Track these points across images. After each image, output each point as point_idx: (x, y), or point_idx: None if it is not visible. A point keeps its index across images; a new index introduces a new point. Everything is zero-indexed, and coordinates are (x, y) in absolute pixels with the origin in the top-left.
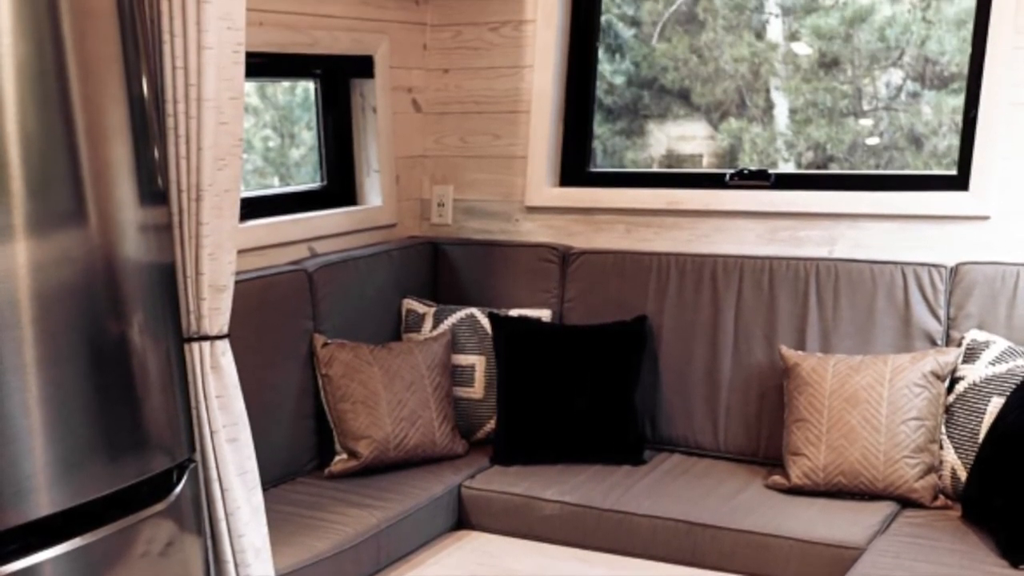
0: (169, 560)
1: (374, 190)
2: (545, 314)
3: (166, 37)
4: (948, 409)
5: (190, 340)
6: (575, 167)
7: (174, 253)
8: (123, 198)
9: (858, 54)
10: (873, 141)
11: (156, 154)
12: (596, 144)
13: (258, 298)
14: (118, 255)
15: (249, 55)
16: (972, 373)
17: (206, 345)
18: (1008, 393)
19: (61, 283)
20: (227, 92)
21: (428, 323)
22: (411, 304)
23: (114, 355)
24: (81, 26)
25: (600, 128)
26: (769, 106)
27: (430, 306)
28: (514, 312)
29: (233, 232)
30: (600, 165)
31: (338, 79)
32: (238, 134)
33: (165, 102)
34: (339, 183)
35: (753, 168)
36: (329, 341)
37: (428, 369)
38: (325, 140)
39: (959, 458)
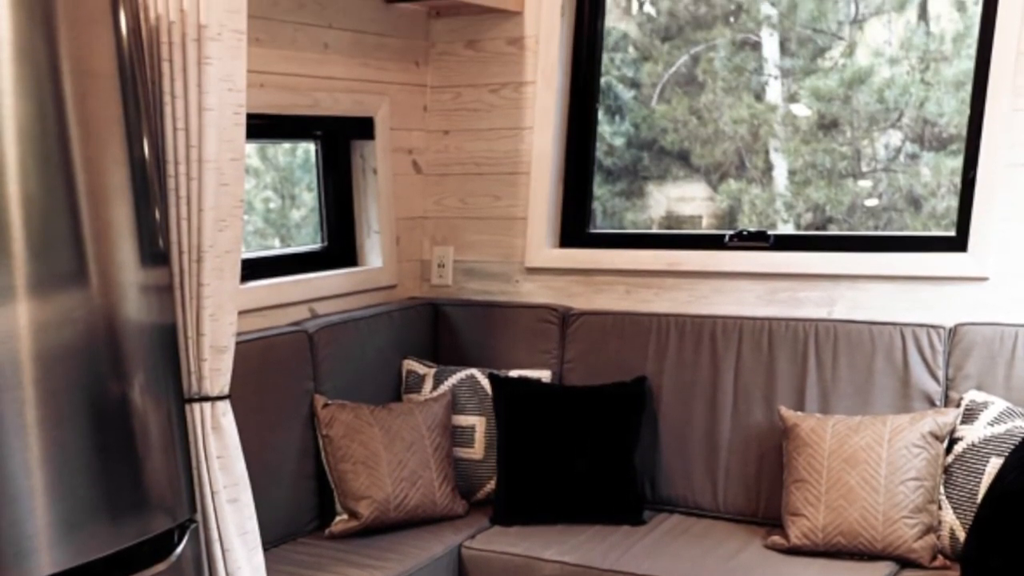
0: None
1: (374, 251)
2: (545, 375)
3: (167, 98)
4: (947, 469)
5: (191, 400)
6: (575, 228)
7: (175, 314)
8: (124, 259)
9: (857, 116)
10: (872, 202)
11: (157, 215)
12: (596, 205)
13: (259, 359)
14: (119, 316)
15: (250, 117)
16: (971, 434)
17: (207, 406)
18: (1006, 453)
19: (63, 344)
20: (228, 153)
21: (428, 384)
22: (411, 365)
23: (115, 415)
24: (82, 87)
25: (600, 189)
26: (768, 167)
27: (430, 367)
28: (514, 373)
29: (234, 293)
30: (600, 226)
31: (339, 140)
32: (239, 195)
33: (166, 163)
34: (340, 244)
35: (752, 229)
36: (330, 402)
37: (428, 430)
38: (326, 201)
39: (958, 518)
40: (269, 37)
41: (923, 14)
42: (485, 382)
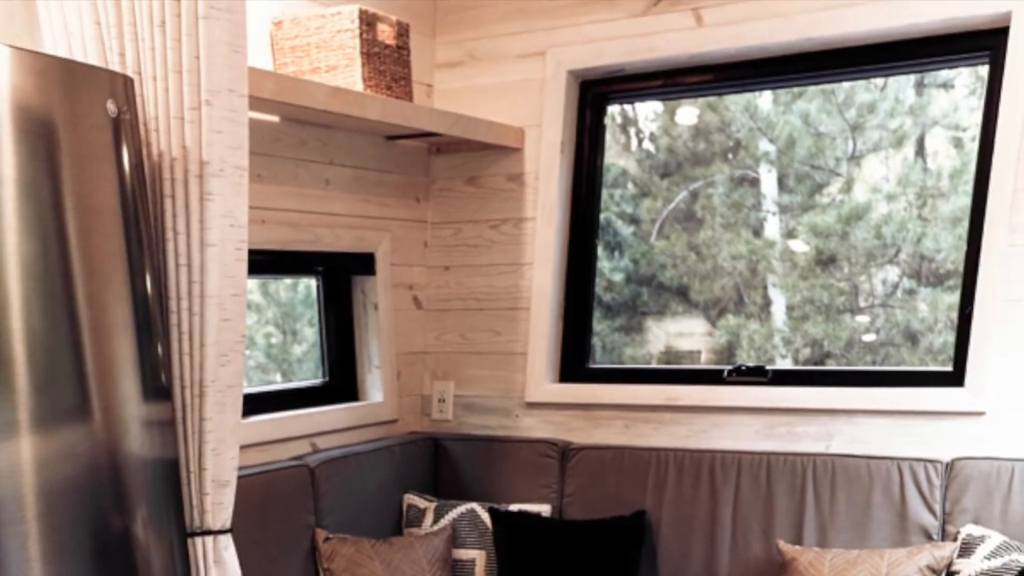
0: None
1: (375, 386)
2: (545, 509)
3: (170, 235)
4: None
5: (193, 535)
6: (574, 363)
7: (177, 448)
8: (127, 394)
9: (855, 251)
10: (870, 338)
11: (159, 350)
12: (595, 340)
13: (261, 493)
14: (122, 450)
15: (252, 252)
16: (968, 567)
17: (209, 539)
18: None
19: (66, 478)
20: (230, 289)
21: (429, 518)
22: (412, 499)
23: (118, 549)
24: (85, 224)
25: (599, 325)
26: (767, 303)
27: (431, 501)
28: (514, 507)
29: (236, 428)
30: (599, 361)
31: (340, 276)
32: (241, 330)
33: (169, 299)
34: (341, 379)
35: (751, 364)
36: (331, 536)
37: (429, 564)
38: (327, 336)
39: None
40: (271, 173)
41: (920, 151)
42: (485, 516)
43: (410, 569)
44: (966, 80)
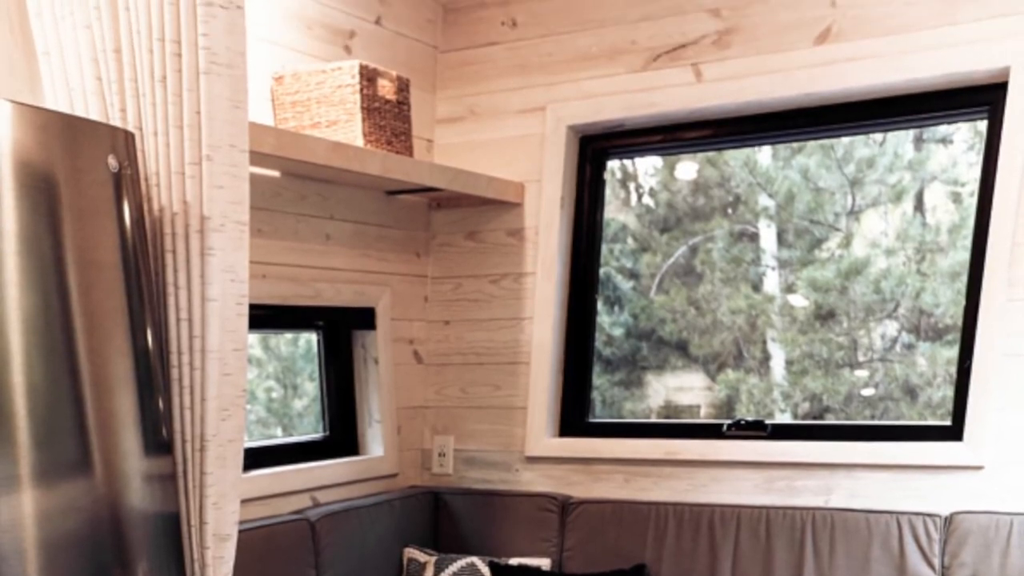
0: None
1: (376, 440)
2: (545, 563)
3: (170, 289)
4: None
5: None
6: (574, 418)
7: (178, 503)
8: (128, 448)
9: (854, 306)
10: (868, 392)
11: (160, 404)
12: (595, 395)
13: (261, 547)
14: (123, 505)
15: (252, 307)
16: None
17: None
18: None
19: (67, 532)
20: (231, 344)
21: (429, 572)
22: (412, 553)
23: None
24: (87, 278)
25: (599, 379)
26: (766, 357)
27: (431, 555)
28: (514, 561)
29: (236, 482)
30: (599, 416)
31: (340, 330)
32: (241, 385)
33: (170, 353)
34: (341, 433)
35: (750, 419)
36: None
37: None
38: (327, 391)
39: None
40: (272, 228)
41: (919, 205)
42: (486, 570)
43: None
44: (965, 135)
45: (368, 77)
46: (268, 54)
